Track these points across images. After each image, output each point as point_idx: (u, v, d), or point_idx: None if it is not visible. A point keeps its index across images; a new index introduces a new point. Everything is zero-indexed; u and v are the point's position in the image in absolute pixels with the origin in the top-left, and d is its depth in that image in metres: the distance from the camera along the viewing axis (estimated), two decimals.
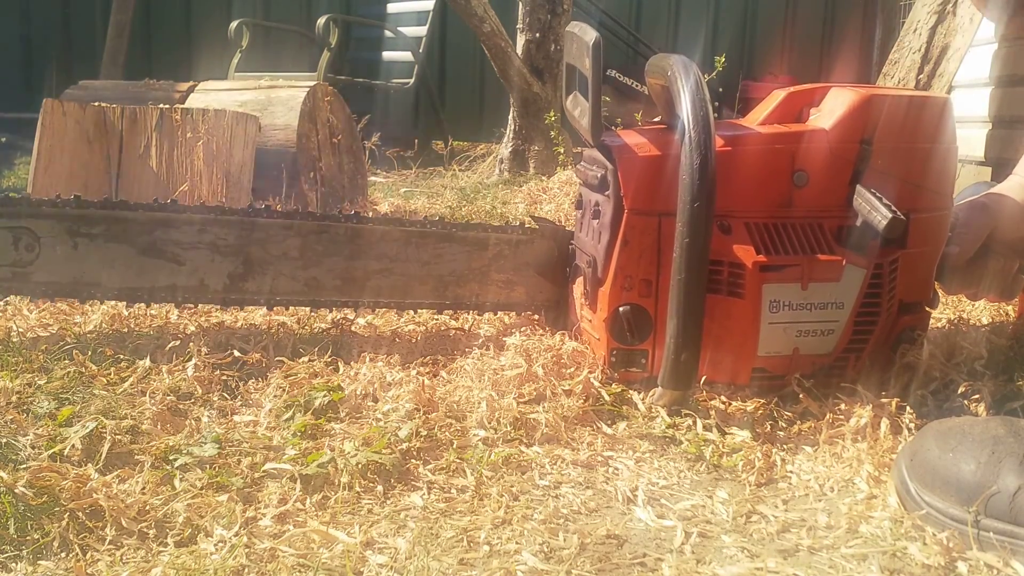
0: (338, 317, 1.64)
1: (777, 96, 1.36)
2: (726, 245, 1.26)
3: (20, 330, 1.50)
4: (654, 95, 1.37)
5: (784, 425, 1.24)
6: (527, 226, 1.58)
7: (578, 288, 1.44)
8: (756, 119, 1.35)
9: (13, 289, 1.44)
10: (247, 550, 0.89)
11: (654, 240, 1.29)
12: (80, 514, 0.92)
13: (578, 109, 1.39)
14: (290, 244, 1.48)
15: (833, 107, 1.30)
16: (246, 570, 0.86)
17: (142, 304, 1.50)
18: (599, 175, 1.33)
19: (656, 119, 1.40)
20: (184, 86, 3.11)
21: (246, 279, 1.48)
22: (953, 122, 1.35)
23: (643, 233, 1.29)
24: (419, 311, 1.63)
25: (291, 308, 1.60)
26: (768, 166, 1.29)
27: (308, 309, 1.62)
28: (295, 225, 1.48)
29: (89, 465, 1.02)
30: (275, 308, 1.56)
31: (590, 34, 1.28)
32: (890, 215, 1.21)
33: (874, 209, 1.23)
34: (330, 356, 1.42)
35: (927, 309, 1.39)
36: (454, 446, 1.14)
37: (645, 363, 1.33)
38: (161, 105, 2.57)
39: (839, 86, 1.34)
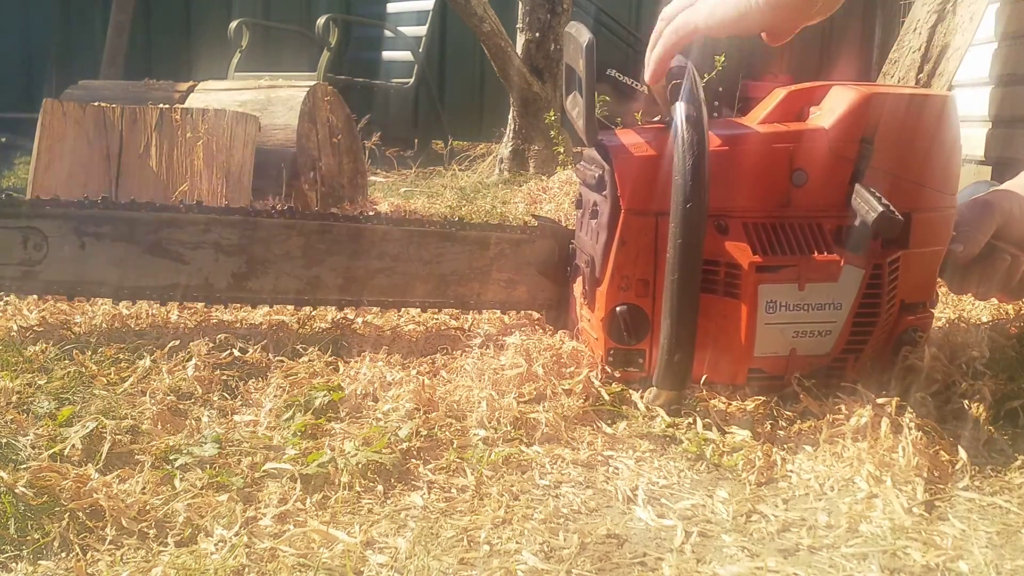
0: (338, 317, 1.64)
1: (778, 95, 1.35)
2: (722, 245, 1.25)
3: (20, 330, 1.50)
4: (655, 93, 1.37)
5: (784, 424, 1.24)
6: (528, 225, 1.58)
7: (578, 287, 1.44)
8: (756, 118, 1.34)
9: (24, 288, 1.47)
10: (247, 550, 0.89)
11: (651, 240, 1.29)
12: (80, 514, 0.92)
13: (576, 109, 1.39)
14: (292, 243, 1.49)
15: (834, 105, 1.30)
16: (246, 570, 0.86)
17: (146, 302, 1.51)
18: (596, 175, 1.33)
19: (656, 118, 1.40)
20: (184, 86, 3.11)
21: (249, 278, 1.49)
22: (956, 120, 1.34)
23: (640, 233, 1.29)
24: (423, 310, 1.64)
25: (291, 307, 1.61)
26: (766, 165, 1.29)
27: (309, 308, 1.62)
28: (297, 224, 1.49)
29: (89, 465, 1.02)
30: (275, 307, 1.56)
31: (584, 35, 1.28)
32: (880, 208, 1.20)
33: (867, 205, 1.22)
34: (330, 356, 1.42)
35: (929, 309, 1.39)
36: (454, 446, 1.14)
37: (643, 363, 1.33)
38: (161, 105, 2.57)
39: (840, 84, 1.33)
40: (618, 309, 1.30)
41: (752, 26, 1.20)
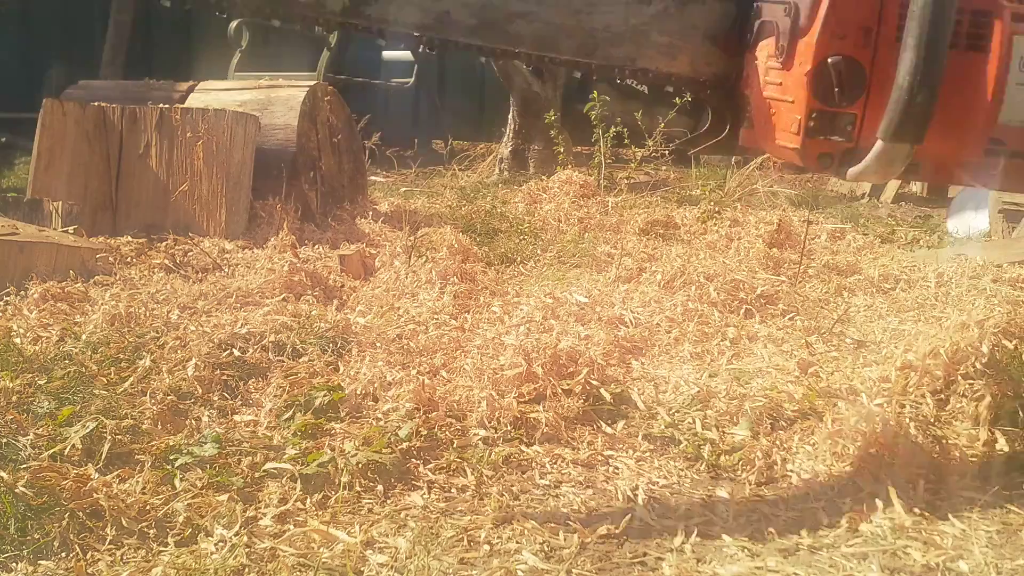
0: (339, 317, 1.63)
1: None
2: None
3: (20, 330, 1.50)
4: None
5: (784, 424, 1.24)
6: None
7: (763, 51, 1.25)
8: None
9: None
10: (247, 549, 0.89)
11: None
12: (80, 514, 0.92)
13: None
14: None
15: None
16: (246, 570, 0.86)
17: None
18: None
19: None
20: (184, 86, 3.11)
21: (369, 3, 1.33)
22: None
23: None
24: (559, 68, 1.45)
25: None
26: None
27: (307, 307, 1.61)
28: None
29: (89, 465, 1.02)
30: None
31: None
32: None
33: None
34: (330, 356, 1.42)
35: None
36: (454, 445, 1.14)
37: (851, 131, 1.14)
38: (161, 105, 2.56)
39: None
40: (831, 60, 1.11)
41: None
